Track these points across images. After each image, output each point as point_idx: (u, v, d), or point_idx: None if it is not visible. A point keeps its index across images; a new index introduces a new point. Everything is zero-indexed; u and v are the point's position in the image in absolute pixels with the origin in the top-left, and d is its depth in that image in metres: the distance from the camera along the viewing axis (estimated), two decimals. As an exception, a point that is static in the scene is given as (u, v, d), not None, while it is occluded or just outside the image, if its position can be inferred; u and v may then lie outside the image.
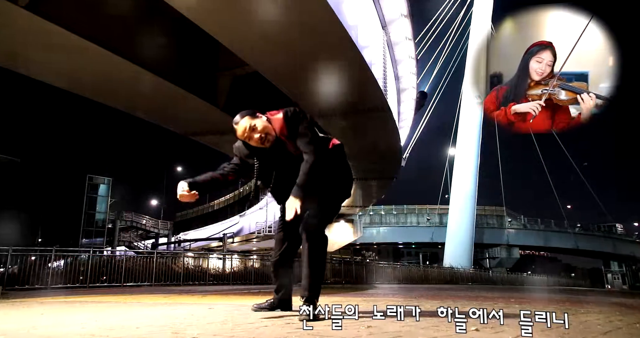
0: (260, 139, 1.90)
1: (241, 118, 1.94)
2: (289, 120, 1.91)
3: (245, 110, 1.97)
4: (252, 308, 2.07)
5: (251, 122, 1.91)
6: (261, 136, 1.90)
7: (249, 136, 1.91)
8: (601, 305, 3.32)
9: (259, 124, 1.92)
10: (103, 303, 3.19)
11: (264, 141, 1.91)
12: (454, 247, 27.59)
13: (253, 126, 1.91)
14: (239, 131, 1.94)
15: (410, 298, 3.76)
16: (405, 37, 10.34)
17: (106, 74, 7.53)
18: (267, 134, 1.91)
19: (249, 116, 1.94)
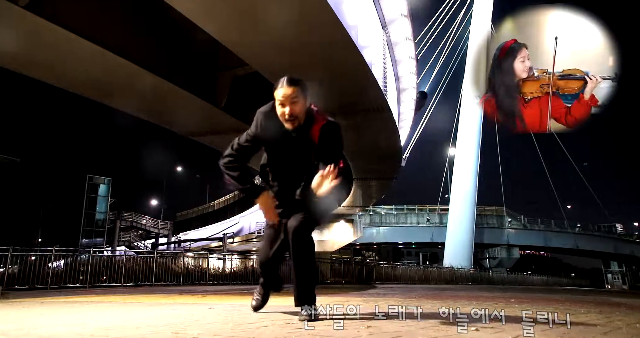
0: (290, 114, 1.74)
1: (297, 85, 1.76)
2: (330, 129, 1.79)
3: (303, 81, 1.80)
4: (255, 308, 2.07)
5: (300, 95, 1.76)
6: (292, 114, 1.74)
7: (284, 103, 1.75)
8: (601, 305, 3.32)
9: (301, 104, 1.76)
10: (103, 303, 3.19)
11: (292, 119, 1.75)
12: (454, 247, 27.60)
13: (296, 99, 1.75)
14: (282, 92, 1.75)
15: (410, 299, 3.76)
16: (405, 37, 10.34)
17: (106, 74, 7.53)
18: (298, 117, 1.76)
19: (303, 89, 1.78)
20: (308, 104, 1.81)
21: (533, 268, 43.20)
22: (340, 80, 7.70)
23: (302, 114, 1.78)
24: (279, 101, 1.77)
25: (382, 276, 15.04)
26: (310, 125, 1.79)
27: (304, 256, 1.82)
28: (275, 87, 1.78)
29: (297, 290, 1.80)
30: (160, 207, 30.73)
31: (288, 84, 1.76)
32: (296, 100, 1.75)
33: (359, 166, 13.10)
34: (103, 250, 14.20)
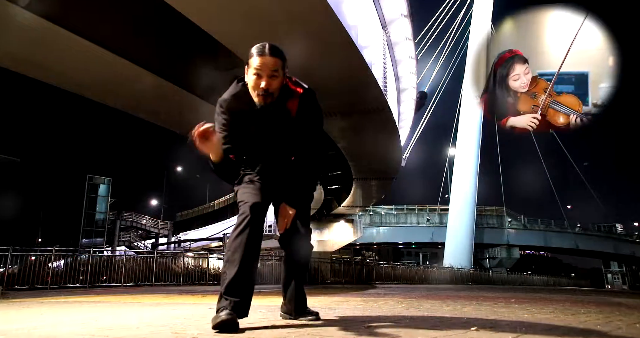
0: (266, 89, 1.50)
1: (279, 57, 1.52)
2: (309, 98, 1.60)
3: (281, 49, 1.55)
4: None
5: (280, 69, 1.52)
6: (268, 89, 1.50)
7: (261, 74, 1.50)
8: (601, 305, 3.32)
9: (280, 79, 1.53)
10: (103, 303, 3.19)
11: (265, 95, 1.51)
12: (454, 247, 27.61)
13: (276, 73, 1.51)
14: (260, 61, 1.49)
15: (410, 298, 3.76)
16: (405, 37, 10.35)
17: (106, 74, 7.54)
18: (273, 93, 1.53)
19: (285, 62, 1.54)
20: (284, 78, 1.57)
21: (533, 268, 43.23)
22: (340, 80, 7.70)
23: (279, 88, 1.54)
24: (255, 70, 1.51)
25: (382, 276, 15.05)
26: (286, 98, 1.57)
27: (304, 265, 1.75)
28: (253, 53, 1.52)
29: (296, 303, 1.69)
30: (160, 207, 30.77)
31: (270, 52, 1.51)
32: (276, 74, 1.51)
33: (359, 166, 13.10)
34: (103, 250, 14.21)
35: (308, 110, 1.61)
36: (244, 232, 1.48)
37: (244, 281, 1.47)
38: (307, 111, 1.60)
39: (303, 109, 1.59)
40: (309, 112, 1.61)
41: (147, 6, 7.15)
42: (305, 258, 1.75)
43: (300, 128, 1.60)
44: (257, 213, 1.51)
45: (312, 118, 1.63)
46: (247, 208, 1.51)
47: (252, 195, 1.56)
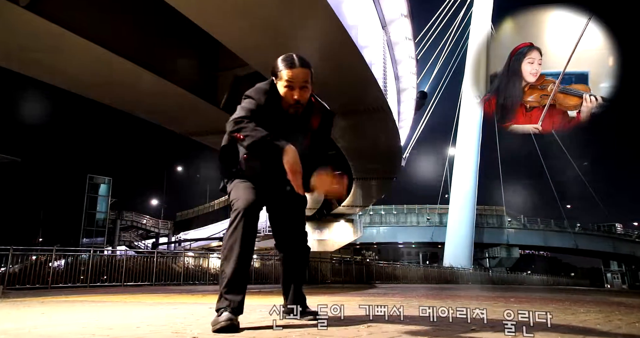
0: (296, 100, 1.55)
1: (310, 68, 1.58)
2: (330, 118, 1.72)
3: (307, 60, 1.61)
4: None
5: (310, 80, 1.58)
6: (301, 100, 1.56)
7: (294, 85, 1.54)
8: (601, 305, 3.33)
9: (309, 90, 1.60)
10: (103, 303, 3.20)
11: (297, 106, 1.57)
12: (453, 247, 27.61)
13: (307, 84, 1.56)
14: (293, 73, 1.53)
15: (410, 298, 3.77)
16: (405, 37, 10.34)
17: (106, 74, 7.53)
18: (304, 104, 1.59)
19: (311, 71, 1.60)
20: (312, 90, 1.65)
21: (533, 268, 43.24)
22: (340, 80, 7.70)
23: (307, 99, 1.61)
24: (287, 82, 1.55)
25: (382, 276, 15.07)
26: (311, 111, 1.65)
27: (302, 267, 1.78)
28: (283, 65, 1.56)
29: (295, 303, 1.70)
30: (160, 206, 30.77)
31: (301, 64, 1.55)
32: (307, 85, 1.57)
33: (359, 166, 13.10)
34: (103, 250, 14.22)
35: (326, 129, 1.71)
36: (237, 230, 1.49)
37: (241, 279, 1.50)
38: (325, 129, 1.71)
39: (323, 126, 1.69)
40: (326, 131, 1.71)
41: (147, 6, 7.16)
42: (303, 261, 1.77)
43: (315, 142, 1.67)
44: (250, 210, 1.51)
45: (327, 137, 1.73)
46: (240, 205, 1.52)
47: (245, 193, 1.57)
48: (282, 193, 1.68)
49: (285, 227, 1.76)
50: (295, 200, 1.71)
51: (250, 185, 1.60)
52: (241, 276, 1.49)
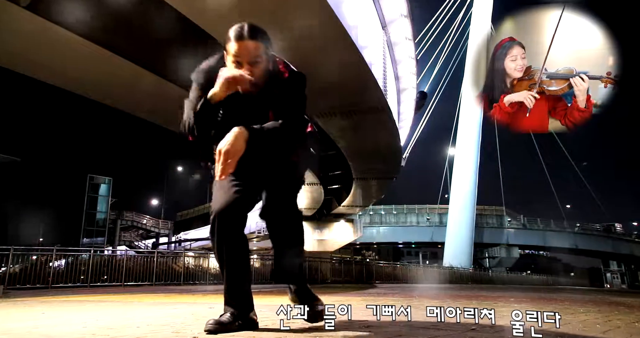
0: (249, 80, 1.30)
1: (261, 39, 1.31)
2: (294, 81, 1.40)
3: (262, 29, 1.34)
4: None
5: (264, 54, 1.32)
6: (251, 79, 1.30)
7: (241, 60, 1.30)
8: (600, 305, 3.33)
9: (264, 65, 1.34)
10: (104, 303, 3.20)
11: (250, 85, 1.31)
12: (453, 247, 27.62)
13: (259, 59, 1.31)
14: (239, 46, 1.29)
15: (410, 298, 3.77)
16: (405, 37, 10.35)
17: (106, 74, 7.54)
18: (258, 83, 1.33)
19: (268, 45, 1.34)
20: (270, 64, 1.36)
21: (532, 268, 43.25)
22: (340, 80, 7.71)
23: (263, 76, 1.33)
24: (234, 58, 1.30)
25: (382, 275, 15.07)
26: (272, 84, 1.37)
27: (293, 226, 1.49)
28: (228, 37, 1.31)
29: (300, 292, 1.53)
30: (160, 206, 30.77)
31: (250, 35, 1.29)
32: (259, 60, 1.31)
33: (359, 166, 13.11)
34: (104, 250, 14.22)
35: (290, 93, 1.38)
36: (214, 241, 1.36)
37: (235, 288, 1.40)
38: (289, 93, 1.38)
39: (285, 91, 1.37)
40: (290, 95, 1.38)
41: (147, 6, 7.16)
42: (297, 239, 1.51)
43: (277, 110, 1.36)
44: (223, 221, 1.34)
45: (292, 101, 1.38)
46: (212, 215, 1.36)
47: (221, 196, 1.38)
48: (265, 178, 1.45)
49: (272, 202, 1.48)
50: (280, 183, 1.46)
51: (229, 181, 1.39)
52: (233, 285, 1.39)
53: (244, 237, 1.41)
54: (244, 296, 1.40)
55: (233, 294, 1.39)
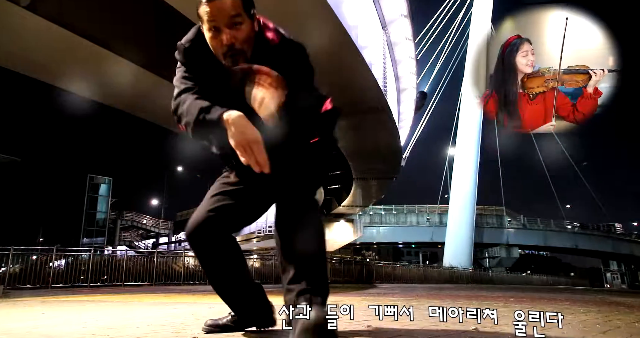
0: (230, 45, 1.05)
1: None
2: (293, 52, 1.14)
3: None
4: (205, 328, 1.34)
5: (243, 12, 1.06)
6: (233, 44, 1.05)
7: (218, 24, 1.04)
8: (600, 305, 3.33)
9: (247, 27, 1.07)
10: (104, 303, 3.20)
11: (233, 54, 1.06)
12: (453, 247, 27.63)
13: (239, 19, 1.05)
14: (210, 8, 1.03)
15: (410, 298, 3.77)
16: (405, 38, 10.36)
17: (107, 74, 7.54)
18: (243, 48, 1.07)
19: (243, 1, 1.07)
20: (256, 25, 1.10)
21: (532, 268, 43.28)
22: (340, 80, 7.71)
23: (249, 42, 1.08)
24: (209, 24, 1.05)
25: (382, 275, 15.06)
26: (264, 52, 1.10)
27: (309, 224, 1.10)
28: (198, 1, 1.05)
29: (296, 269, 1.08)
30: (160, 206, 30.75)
31: None
32: (239, 20, 1.05)
33: (359, 166, 13.11)
34: (104, 250, 14.22)
35: (293, 67, 1.11)
36: (195, 254, 1.23)
37: (224, 297, 1.27)
38: (292, 68, 1.10)
39: (290, 66, 1.10)
40: (294, 69, 1.11)
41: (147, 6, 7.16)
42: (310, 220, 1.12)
43: None
44: (193, 243, 1.17)
45: (299, 76, 1.12)
46: (186, 229, 1.19)
47: (197, 211, 1.20)
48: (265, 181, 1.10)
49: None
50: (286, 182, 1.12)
51: (216, 188, 1.21)
52: (221, 294, 1.26)
53: (225, 251, 1.20)
54: (236, 301, 1.28)
55: (225, 300, 1.30)
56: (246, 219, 1.25)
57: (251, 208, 1.24)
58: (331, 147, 1.26)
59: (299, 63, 1.15)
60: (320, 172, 1.22)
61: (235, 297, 1.27)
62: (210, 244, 1.18)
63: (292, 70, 1.09)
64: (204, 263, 1.23)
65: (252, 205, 1.24)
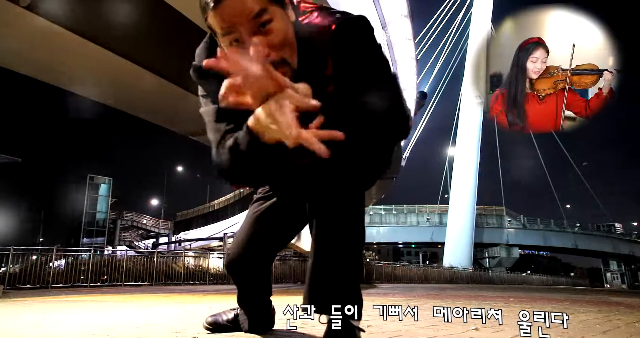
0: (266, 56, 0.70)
1: None
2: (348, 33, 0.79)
3: None
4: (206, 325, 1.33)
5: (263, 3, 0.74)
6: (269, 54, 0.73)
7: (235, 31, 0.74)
8: (600, 305, 3.33)
9: (282, 23, 0.76)
10: (104, 303, 3.20)
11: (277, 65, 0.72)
12: (453, 247, 27.65)
13: (267, 16, 0.74)
14: (223, 14, 0.74)
15: (410, 298, 3.77)
16: (405, 38, 10.36)
17: (106, 74, 7.55)
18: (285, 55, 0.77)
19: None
20: (292, 13, 0.80)
21: (532, 268, 43.29)
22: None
23: (290, 43, 0.77)
24: (224, 35, 0.76)
25: (382, 276, 15.06)
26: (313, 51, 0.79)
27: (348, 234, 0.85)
28: (202, 8, 0.78)
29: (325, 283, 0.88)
30: (160, 206, 30.77)
31: None
32: (266, 17, 0.73)
33: (359, 166, 13.12)
34: (104, 250, 14.23)
35: (354, 54, 0.79)
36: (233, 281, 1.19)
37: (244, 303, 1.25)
38: (352, 56, 0.79)
39: (343, 55, 0.78)
40: (356, 57, 0.79)
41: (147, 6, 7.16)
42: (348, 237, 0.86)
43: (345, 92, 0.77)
44: (233, 272, 1.14)
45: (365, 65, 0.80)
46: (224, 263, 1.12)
47: (236, 240, 1.13)
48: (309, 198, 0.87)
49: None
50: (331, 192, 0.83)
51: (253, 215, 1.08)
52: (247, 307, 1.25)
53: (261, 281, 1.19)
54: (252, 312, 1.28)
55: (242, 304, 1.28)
56: (283, 243, 1.18)
57: (288, 231, 1.14)
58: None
59: (367, 48, 0.81)
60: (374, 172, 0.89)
61: (253, 310, 1.27)
62: (246, 276, 1.17)
63: (361, 60, 0.79)
64: (239, 287, 1.22)
65: (289, 229, 1.13)
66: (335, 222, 0.86)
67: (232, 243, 1.21)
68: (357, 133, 0.73)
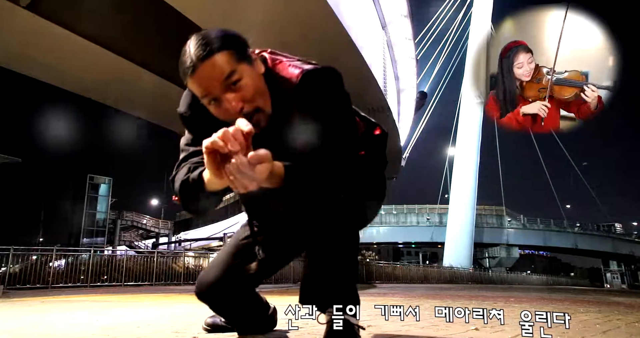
0: (240, 109, 0.84)
1: (220, 49, 0.83)
2: (311, 85, 0.88)
3: (215, 32, 0.86)
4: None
5: (237, 63, 0.84)
6: (244, 106, 0.84)
7: (215, 93, 0.84)
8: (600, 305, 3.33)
9: (251, 77, 0.85)
10: (104, 303, 3.20)
11: (251, 114, 0.85)
12: (453, 247, 27.65)
13: (236, 76, 0.83)
14: (197, 79, 0.83)
15: (410, 298, 3.77)
16: (405, 38, 10.37)
17: (106, 74, 7.55)
18: (259, 104, 0.87)
19: (238, 48, 0.86)
20: (260, 67, 0.90)
21: (532, 268, 43.31)
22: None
23: (261, 92, 0.88)
24: (203, 97, 0.86)
25: (382, 276, 15.06)
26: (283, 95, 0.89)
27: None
28: (182, 69, 0.86)
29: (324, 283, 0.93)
30: (160, 206, 30.78)
31: (204, 53, 0.82)
32: (236, 77, 0.83)
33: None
34: (104, 250, 14.23)
35: (312, 100, 0.88)
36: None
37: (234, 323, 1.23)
38: (310, 102, 0.88)
39: (303, 104, 0.88)
40: (313, 102, 0.88)
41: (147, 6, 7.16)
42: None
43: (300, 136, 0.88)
44: (206, 298, 1.09)
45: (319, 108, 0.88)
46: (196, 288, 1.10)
47: (208, 267, 1.11)
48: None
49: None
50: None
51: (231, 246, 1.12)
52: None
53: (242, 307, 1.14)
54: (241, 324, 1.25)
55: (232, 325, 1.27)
56: (266, 273, 1.14)
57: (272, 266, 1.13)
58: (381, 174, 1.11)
59: (327, 91, 0.91)
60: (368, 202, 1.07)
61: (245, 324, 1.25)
62: (221, 306, 1.13)
63: (319, 103, 0.89)
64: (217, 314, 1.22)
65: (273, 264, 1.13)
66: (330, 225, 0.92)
67: (206, 269, 1.13)
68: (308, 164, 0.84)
